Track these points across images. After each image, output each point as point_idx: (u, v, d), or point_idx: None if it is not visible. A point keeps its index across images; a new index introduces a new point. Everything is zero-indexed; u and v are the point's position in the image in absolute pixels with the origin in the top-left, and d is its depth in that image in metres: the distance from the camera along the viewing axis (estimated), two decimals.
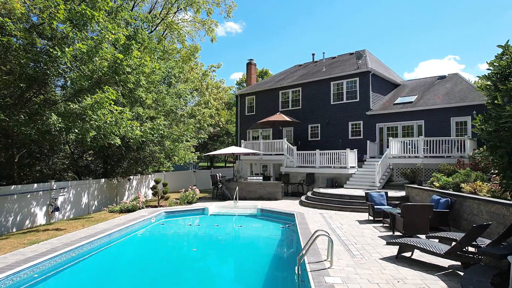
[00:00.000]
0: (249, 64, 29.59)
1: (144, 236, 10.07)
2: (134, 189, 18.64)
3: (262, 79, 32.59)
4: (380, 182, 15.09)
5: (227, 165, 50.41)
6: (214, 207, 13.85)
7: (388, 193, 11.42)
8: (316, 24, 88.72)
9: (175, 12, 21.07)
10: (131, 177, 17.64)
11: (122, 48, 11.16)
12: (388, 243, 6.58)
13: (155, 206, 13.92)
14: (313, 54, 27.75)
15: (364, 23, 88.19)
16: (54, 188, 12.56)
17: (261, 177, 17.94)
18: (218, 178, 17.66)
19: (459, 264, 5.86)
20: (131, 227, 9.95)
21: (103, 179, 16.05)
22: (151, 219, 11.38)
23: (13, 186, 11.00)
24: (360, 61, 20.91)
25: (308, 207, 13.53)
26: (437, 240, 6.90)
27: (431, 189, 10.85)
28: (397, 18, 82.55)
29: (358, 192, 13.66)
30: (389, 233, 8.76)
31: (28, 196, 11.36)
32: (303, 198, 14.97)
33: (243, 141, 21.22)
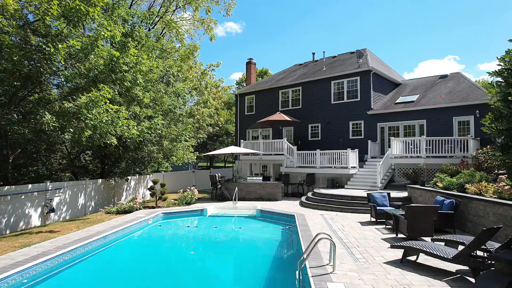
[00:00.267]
0: (249, 63, 29.30)
1: (141, 238, 9.81)
2: (132, 190, 18.38)
3: (262, 79, 32.33)
4: (382, 183, 14.85)
5: (227, 165, 50.19)
6: (213, 208, 13.60)
7: (390, 194, 11.17)
8: (316, 25, 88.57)
9: (174, 11, 20.82)
10: (129, 178, 17.38)
11: (119, 46, 10.91)
12: (393, 246, 6.33)
13: (153, 207, 13.67)
14: (313, 53, 27.51)
15: (364, 23, 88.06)
16: (50, 189, 12.30)
17: (261, 178, 17.71)
18: (217, 179, 17.41)
19: (467, 269, 5.61)
20: (127, 229, 9.70)
21: (100, 180, 15.79)
22: (148, 221, 11.13)
23: (7, 187, 10.73)
24: (361, 60, 20.66)
25: (309, 208, 13.28)
26: (443, 243, 6.66)
27: (435, 190, 10.61)
28: (397, 18, 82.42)
29: (360, 193, 13.41)
30: (392, 235, 8.52)
31: (22, 197, 11.10)
32: (304, 199, 14.72)
33: (243, 141, 20.95)
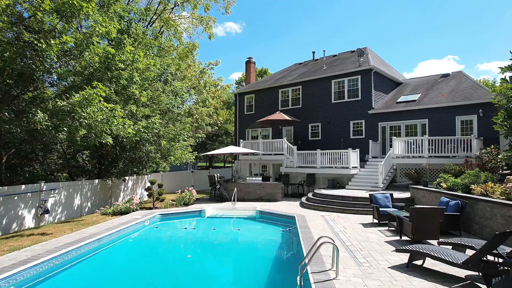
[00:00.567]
0: (248, 62, 29.01)
1: (136, 241, 9.52)
2: (130, 190, 18.08)
3: (262, 78, 32.05)
4: (384, 183, 14.58)
5: (226, 165, 49.91)
6: (212, 209, 13.33)
7: (393, 195, 10.90)
8: (316, 25, 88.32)
9: (172, 8, 20.51)
10: (126, 178, 17.07)
11: (114, 43, 10.62)
12: (398, 250, 6.06)
13: (150, 208, 13.39)
14: (313, 52, 27.24)
15: (364, 24, 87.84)
16: (44, 190, 11.99)
17: (260, 178, 17.43)
18: (216, 179, 17.13)
19: (477, 275, 5.34)
20: (123, 231, 9.42)
21: (97, 180, 15.48)
22: (145, 222, 10.85)
23: None
24: (362, 59, 20.38)
25: (309, 209, 13.01)
26: (450, 247, 6.39)
27: (439, 191, 10.34)
28: (396, 18, 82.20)
29: (361, 193, 13.14)
30: (396, 238, 8.25)
31: (15, 198, 10.79)
32: (304, 200, 14.44)
33: (242, 141, 20.67)
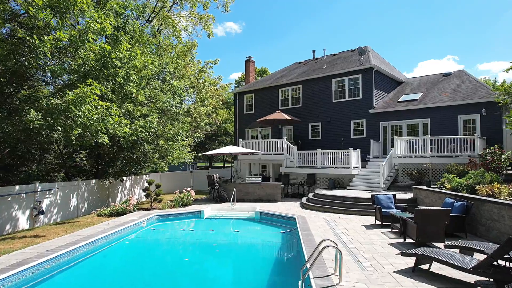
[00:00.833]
0: (248, 61, 28.75)
1: (132, 244, 9.26)
2: (128, 191, 17.82)
3: (262, 78, 31.79)
4: (385, 183, 14.34)
5: (226, 165, 49.62)
6: (210, 210, 13.08)
7: (396, 195, 10.66)
8: (315, 25, 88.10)
9: (171, 6, 20.24)
10: (124, 178, 16.81)
11: (110, 40, 10.36)
12: (404, 254, 5.80)
13: (148, 209, 13.14)
14: (314, 51, 26.99)
15: (363, 23, 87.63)
16: (39, 190, 11.74)
17: (260, 178, 17.17)
18: (215, 179, 16.88)
19: (488, 280, 5.09)
20: (119, 233, 9.16)
21: (94, 180, 15.22)
22: (142, 223, 10.60)
23: None
24: (363, 57, 20.13)
25: (310, 210, 12.76)
26: (458, 250, 6.15)
27: (442, 191, 10.09)
28: (396, 18, 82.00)
29: (363, 194, 12.89)
30: (400, 240, 8.00)
31: (9, 199, 10.54)
32: (304, 200, 14.19)
33: (242, 141, 20.40)
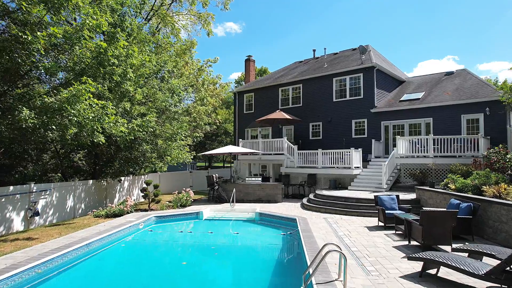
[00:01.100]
0: (248, 61, 28.50)
1: (129, 246, 8.99)
2: (126, 191, 17.56)
3: (262, 77, 31.54)
4: (387, 184, 14.09)
5: (226, 165, 49.38)
6: (209, 211, 12.82)
7: (399, 196, 10.40)
8: (315, 26, 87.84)
9: (170, 4, 19.99)
10: (122, 179, 16.55)
11: (107, 37, 10.11)
12: (410, 258, 5.56)
13: (145, 210, 12.88)
14: (314, 50, 26.73)
15: (363, 23, 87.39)
16: (34, 191, 11.48)
17: (260, 178, 16.92)
18: (215, 179, 16.63)
19: (500, 287, 4.85)
20: (115, 235, 8.91)
21: (91, 181, 14.97)
22: (139, 225, 10.34)
23: None
24: (364, 56, 19.87)
25: (311, 211, 12.51)
26: (466, 254, 5.89)
27: (447, 192, 9.84)
28: (396, 19, 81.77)
29: (365, 195, 12.65)
30: (404, 243, 7.75)
31: (3, 200, 10.28)
32: (305, 201, 13.94)
33: (241, 140, 20.16)
